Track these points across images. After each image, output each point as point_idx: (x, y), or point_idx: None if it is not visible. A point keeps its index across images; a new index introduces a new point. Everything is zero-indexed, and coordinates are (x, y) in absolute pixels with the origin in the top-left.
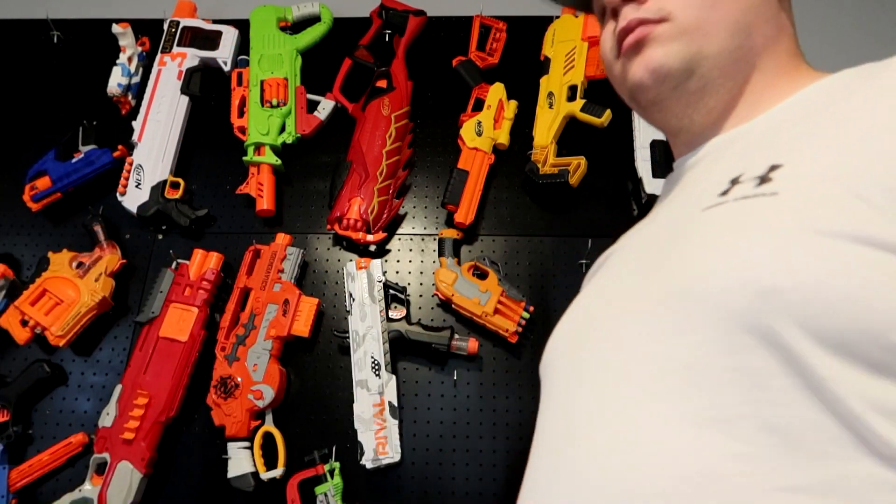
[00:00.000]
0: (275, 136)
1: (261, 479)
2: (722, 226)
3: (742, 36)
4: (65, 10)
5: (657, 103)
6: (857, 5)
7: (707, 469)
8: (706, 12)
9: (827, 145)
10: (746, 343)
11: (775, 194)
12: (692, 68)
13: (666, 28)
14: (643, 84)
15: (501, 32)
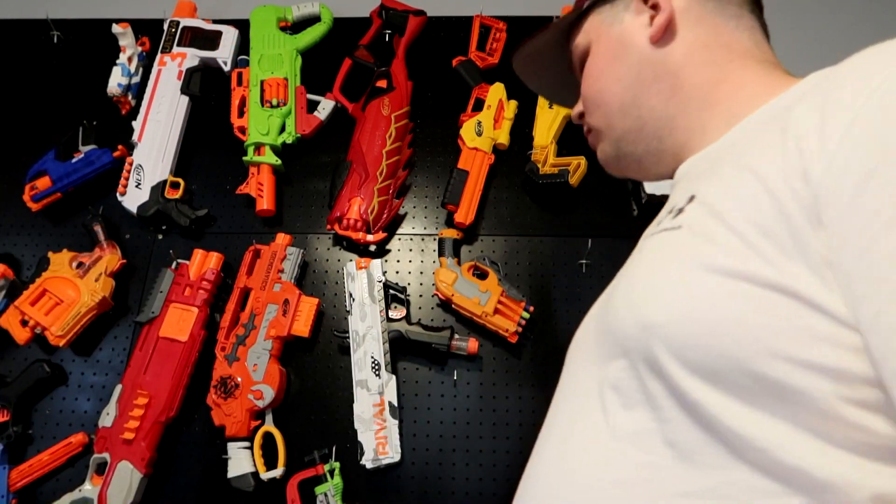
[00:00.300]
0: (275, 136)
1: (261, 479)
2: (638, 260)
3: (633, 111)
4: (65, 10)
5: (622, 176)
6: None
7: (620, 477)
8: (600, 109)
9: (724, 182)
10: (642, 370)
11: (679, 228)
12: (617, 154)
13: (593, 135)
14: (607, 170)
15: (501, 32)
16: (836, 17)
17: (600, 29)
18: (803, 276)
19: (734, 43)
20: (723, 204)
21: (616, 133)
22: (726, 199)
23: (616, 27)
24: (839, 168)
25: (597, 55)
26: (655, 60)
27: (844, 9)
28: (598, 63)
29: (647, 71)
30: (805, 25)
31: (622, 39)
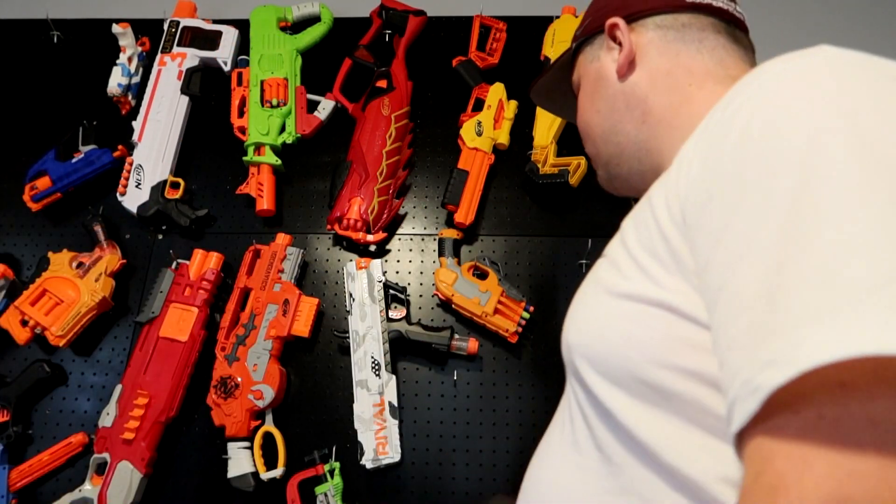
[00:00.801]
0: (275, 136)
1: (261, 479)
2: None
3: (613, 137)
4: (65, 10)
5: (622, 195)
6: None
7: (564, 479)
8: (589, 141)
9: (635, 211)
10: (574, 383)
11: (606, 256)
12: (608, 176)
13: (591, 160)
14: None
15: (501, 32)
16: (833, 18)
17: (585, 67)
18: (681, 290)
19: (695, 66)
20: (628, 232)
21: (603, 158)
22: (631, 227)
23: (595, 64)
24: (693, 194)
25: (583, 91)
26: (625, 91)
27: (841, 10)
28: (583, 98)
29: (619, 101)
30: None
31: (599, 75)
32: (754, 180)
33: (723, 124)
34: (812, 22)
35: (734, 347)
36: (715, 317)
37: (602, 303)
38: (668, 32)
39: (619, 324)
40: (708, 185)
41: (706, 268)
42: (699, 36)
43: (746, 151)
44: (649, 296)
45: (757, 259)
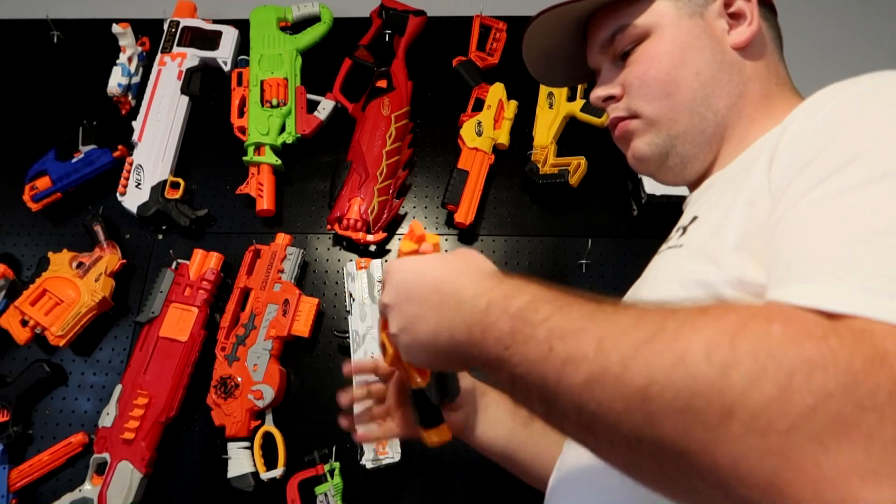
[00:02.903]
0: (275, 136)
1: (261, 479)
2: (647, 275)
3: (702, 110)
4: (65, 10)
5: (651, 175)
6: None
7: (611, 484)
8: (666, 101)
9: (721, 204)
10: None
11: (681, 247)
12: (667, 151)
13: (638, 123)
14: (636, 168)
15: (501, 32)
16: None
17: (674, 15)
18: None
19: (780, 69)
20: (717, 224)
21: (677, 128)
22: (720, 220)
23: (697, 19)
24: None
25: (668, 40)
26: (734, 66)
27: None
28: (671, 50)
29: (724, 73)
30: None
31: (705, 34)
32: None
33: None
34: (810, 24)
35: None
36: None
37: (692, 294)
38: (770, 30)
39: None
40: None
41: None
42: (781, 44)
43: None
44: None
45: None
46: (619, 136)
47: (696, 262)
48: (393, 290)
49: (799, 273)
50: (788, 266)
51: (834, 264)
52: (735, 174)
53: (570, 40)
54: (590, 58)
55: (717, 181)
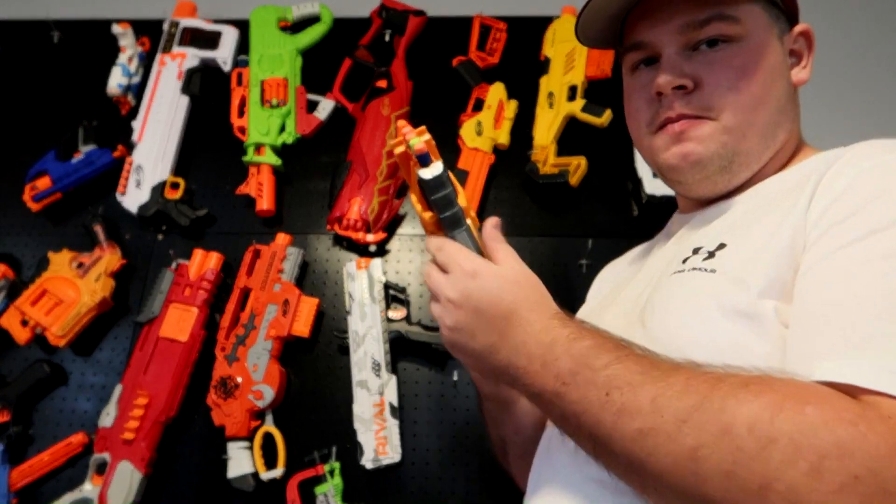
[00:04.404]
0: (275, 136)
1: (261, 480)
2: (676, 293)
3: (770, 136)
4: (65, 10)
5: (683, 183)
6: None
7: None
8: (749, 116)
9: (757, 235)
10: None
11: (713, 271)
12: (725, 165)
13: (710, 127)
14: (678, 169)
15: (501, 32)
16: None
17: (771, 32)
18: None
19: (798, 116)
20: (752, 256)
21: (745, 146)
22: (759, 254)
23: (779, 46)
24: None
25: (765, 55)
26: (795, 101)
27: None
28: (766, 67)
29: (791, 106)
30: None
31: (783, 63)
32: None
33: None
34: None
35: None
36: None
37: (729, 321)
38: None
39: (749, 344)
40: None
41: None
42: None
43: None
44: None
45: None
46: (678, 132)
47: (737, 292)
48: (463, 296)
49: (831, 347)
50: (819, 335)
51: (863, 340)
52: (762, 207)
53: (629, 2)
54: (653, 33)
55: (736, 208)
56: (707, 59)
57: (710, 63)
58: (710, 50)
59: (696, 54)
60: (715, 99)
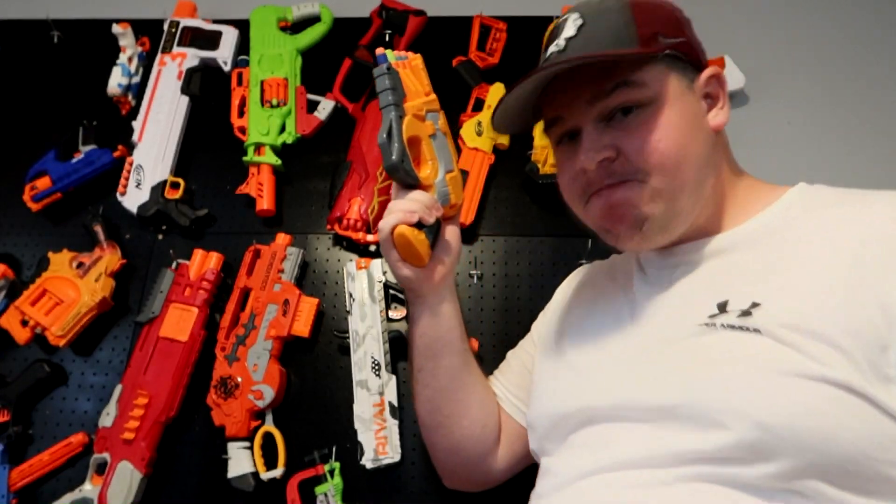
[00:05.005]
0: (275, 136)
1: (261, 479)
2: (717, 352)
3: (699, 191)
4: (65, 10)
5: (622, 245)
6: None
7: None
8: (675, 178)
9: (796, 289)
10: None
11: (758, 332)
12: (663, 225)
13: (639, 189)
14: (615, 233)
15: (501, 32)
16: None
17: (678, 86)
18: (879, 386)
19: (729, 153)
20: (800, 315)
21: (678, 206)
22: (804, 308)
23: (691, 97)
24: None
25: (678, 112)
26: (716, 147)
27: None
28: (681, 124)
29: (713, 154)
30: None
31: (699, 113)
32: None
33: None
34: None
35: None
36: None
37: (798, 387)
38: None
39: (827, 412)
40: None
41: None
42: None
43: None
44: (856, 386)
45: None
46: (605, 201)
47: (793, 353)
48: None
49: None
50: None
51: None
52: (781, 257)
53: (538, 90)
54: (567, 109)
55: (735, 256)
56: (623, 127)
57: (625, 130)
58: (625, 118)
59: (613, 123)
60: (639, 164)
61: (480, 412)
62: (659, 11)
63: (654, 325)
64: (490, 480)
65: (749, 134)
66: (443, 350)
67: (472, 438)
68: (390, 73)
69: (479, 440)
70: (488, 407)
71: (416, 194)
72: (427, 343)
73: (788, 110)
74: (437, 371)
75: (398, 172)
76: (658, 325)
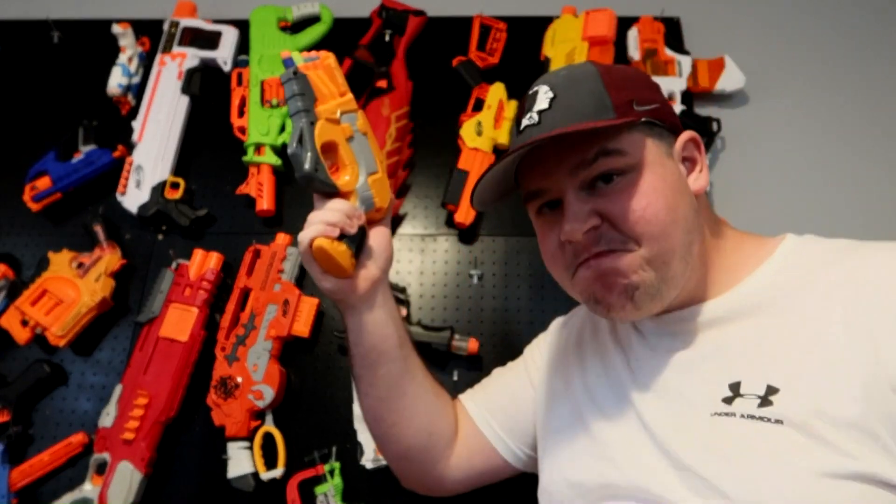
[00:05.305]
0: (275, 136)
1: (261, 480)
2: (742, 446)
3: (688, 255)
4: (65, 10)
5: (613, 314)
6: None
7: None
8: (664, 244)
9: (815, 373)
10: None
11: (780, 423)
12: (655, 294)
13: (631, 257)
14: (605, 302)
15: (501, 32)
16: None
17: (657, 153)
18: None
19: (711, 213)
20: (822, 401)
21: (668, 272)
22: (824, 395)
23: (670, 162)
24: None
25: (659, 178)
26: (699, 210)
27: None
28: (665, 189)
29: (696, 218)
30: None
31: (680, 177)
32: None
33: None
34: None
35: None
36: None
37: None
38: None
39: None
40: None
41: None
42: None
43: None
44: (882, 476)
45: None
46: (595, 271)
47: (821, 448)
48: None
49: None
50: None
51: None
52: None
53: (515, 163)
54: (548, 180)
55: (735, 330)
56: (605, 194)
57: (609, 197)
58: (607, 186)
59: (595, 192)
60: (626, 231)
61: (426, 420)
62: (629, 79)
63: (667, 402)
64: (444, 488)
65: (749, 134)
66: (378, 359)
67: (418, 447)
68: (297, 78)
69: (426, 449)
70: (436, 415)
71: (335, 203)
72: (362, 353)
73: (788, 110)
74: (374, 380)
75: (312, 182)
76: (670, 402)
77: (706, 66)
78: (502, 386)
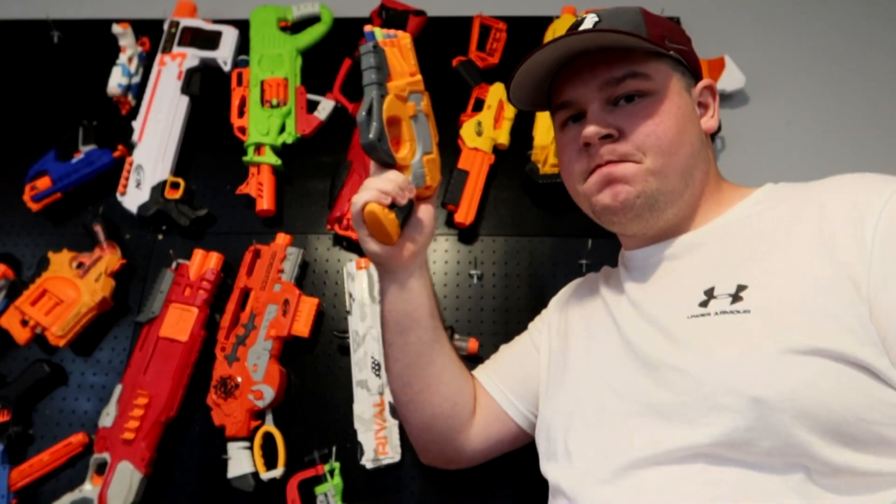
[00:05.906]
0: (275, 136)
1: (261, 480)
2: (711, 337)
3: (687, 177)
4: (65, 10)
5: (616, 222)
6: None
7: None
8: (668, 159)
9: (781, 270)
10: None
11: (748, 312)
12: (651, 203)
13: (635, 168)
14: (610, 208)
15: (501, 32)
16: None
17: (678, 85)
18: (869, 349)
19: (714, 160)
20: (786, 291)
21: (667, 186)
22: (788, 286)
23: (688, 98)
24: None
25: (675, 105)
26: (706, 145)
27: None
28: (678, 115)
29: (703, 150)
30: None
31: (694, 112)
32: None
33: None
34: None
35: None
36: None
37: (791, 361)
38: None
39: (819, 382)
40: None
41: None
42: None
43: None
44: (848, 354)
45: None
46: (606, 174)
47: (783, 327)
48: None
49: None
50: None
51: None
52: (755, 242)
53: (554, 66)
54: (578, 92)
55: (714, 246)
56: (626, 112)
57: (629, 115)
58: (629, 104)
59: (617, 108)
60: (637, 145)
61: (451, 389)
62: (667, 22)
63: (647, 320)
64: (463, 459)
65: (749, 134)
66: (411, 325)
67: (443, 416)
68: (376, 52)
69: (450, 417)
70: (460, 385)
71: (391, 174)
72: (396, 318)
73: (788, 110)
74: (406, 346)
75: (375, 151)
76: (651, 319)
77: (706, 66)
78: (510, 356)
